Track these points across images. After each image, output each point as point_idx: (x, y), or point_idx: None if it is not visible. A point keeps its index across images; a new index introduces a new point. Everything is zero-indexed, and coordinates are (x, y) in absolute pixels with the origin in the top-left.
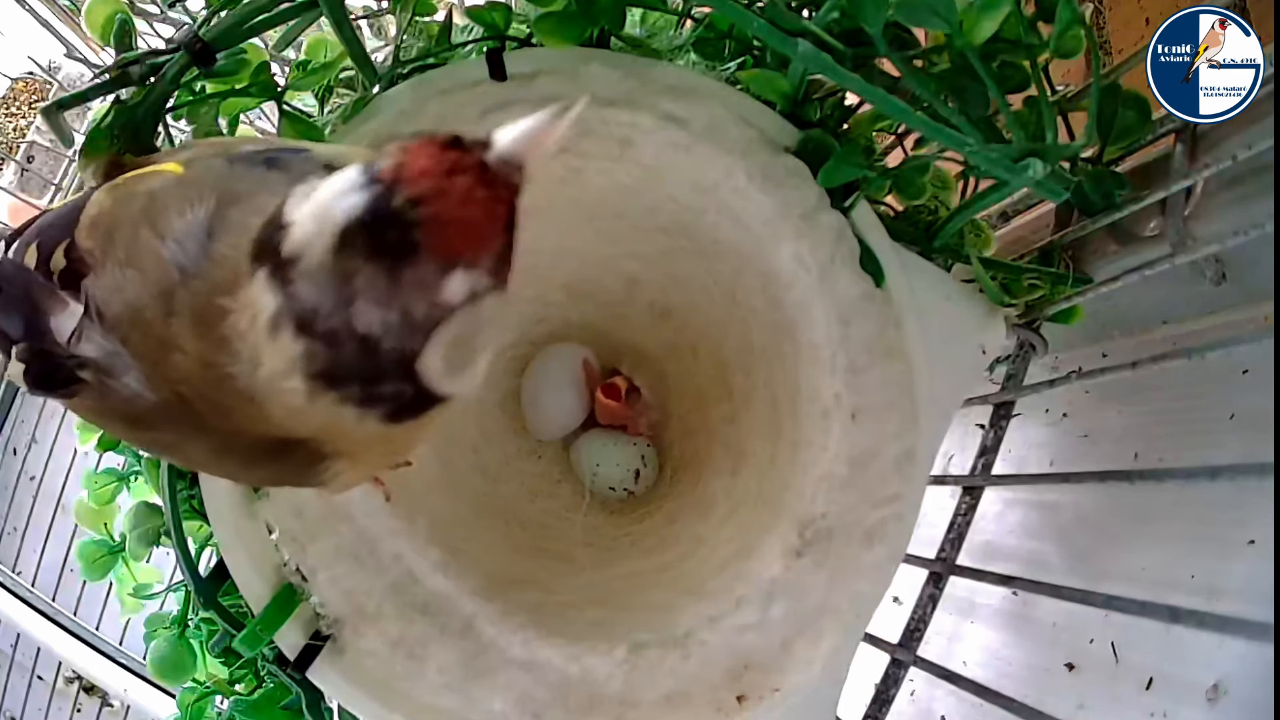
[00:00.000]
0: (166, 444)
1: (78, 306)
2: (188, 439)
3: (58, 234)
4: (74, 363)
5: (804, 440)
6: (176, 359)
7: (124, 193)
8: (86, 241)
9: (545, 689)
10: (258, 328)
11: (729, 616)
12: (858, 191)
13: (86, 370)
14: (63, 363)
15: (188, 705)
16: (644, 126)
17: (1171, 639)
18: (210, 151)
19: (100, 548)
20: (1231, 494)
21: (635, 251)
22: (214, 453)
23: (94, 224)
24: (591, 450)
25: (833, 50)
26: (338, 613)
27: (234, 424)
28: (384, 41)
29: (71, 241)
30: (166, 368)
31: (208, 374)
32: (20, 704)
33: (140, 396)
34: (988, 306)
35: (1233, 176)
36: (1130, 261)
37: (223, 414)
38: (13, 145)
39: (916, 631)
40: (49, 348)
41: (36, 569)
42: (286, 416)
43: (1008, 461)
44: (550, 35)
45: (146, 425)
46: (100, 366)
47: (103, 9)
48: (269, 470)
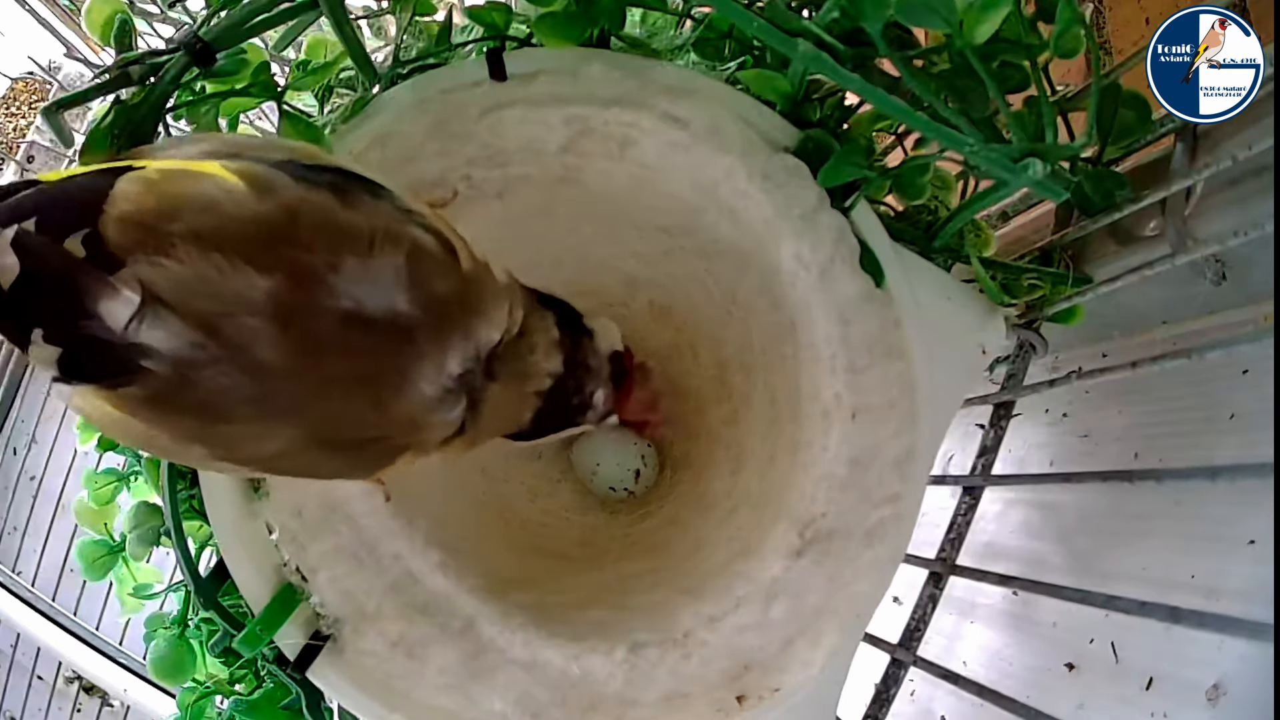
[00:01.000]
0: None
1: (132, 294)
2: (276, 429)
3: (66, 219)
4: (135, 350)
5: (804, 440)
6: (334, 364)
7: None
8: (122, 237)
9: (545, 689)
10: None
11: (729, 616)
12: (858, 191)
13: (151, 359)
14: (118, 350)
15: (188, 705)
16: (644, 126)
17: (1171, 639)
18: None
19: (100, 548)
20: (1231, 494)
21: (635, 251)
22: (303, 442)
23: (130, 220)
24: (591, 450)
25: (833, 50)
26: (338, 613)
27: (365, 422)
28: (384, 41)
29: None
30: (310, 367)
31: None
32: (20, 704)
33: (230, 388)
34: (988, 306)
35: (1233, 176)
36: (1130, 261)
37: (362, 413)
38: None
39: (916, 631)
40: (97, 334)
41: (36, 569)
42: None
43: (1008, 461)
44: (550, 35)
45: (225, 417)
46: (175, 357)
47: (103, 9)
48: (347, 460)
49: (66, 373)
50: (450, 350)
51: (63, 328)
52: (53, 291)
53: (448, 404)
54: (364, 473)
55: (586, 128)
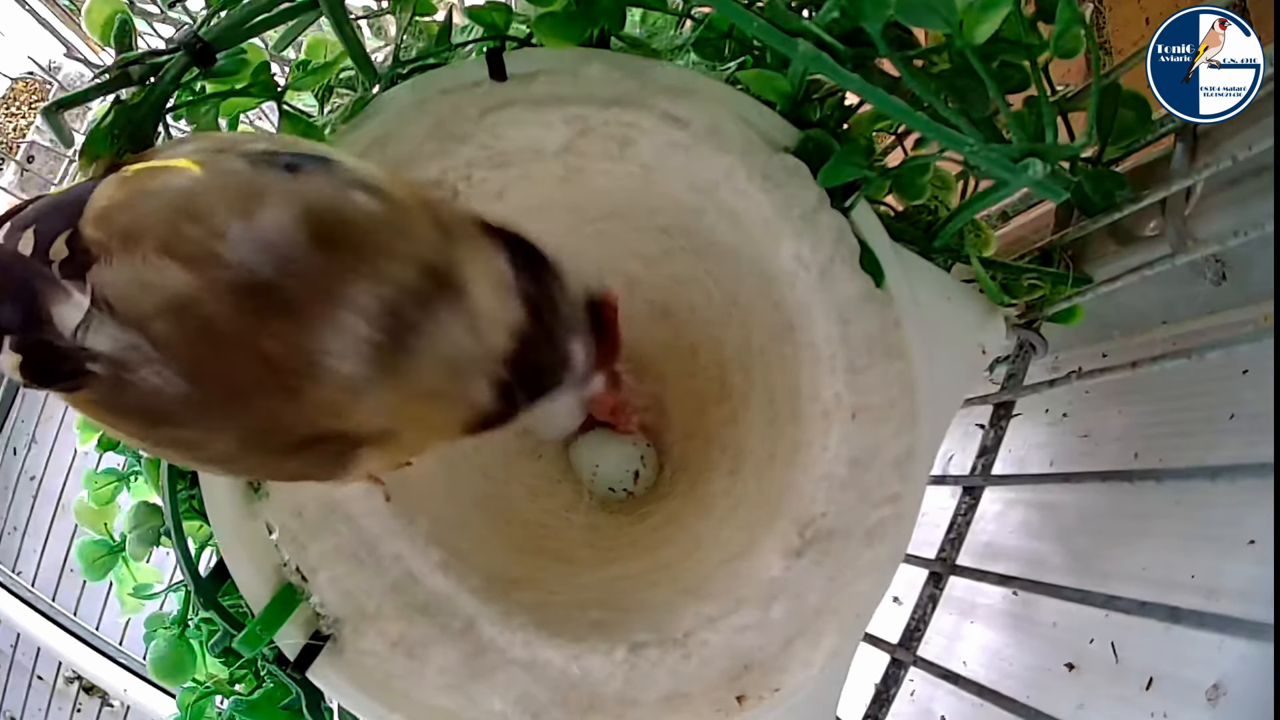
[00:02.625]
0: (185, 441)
1: (82, 298)
2: (215, 433)
3: (58, 222)
4: (83, 355)
5: (804, 440)
6: (235, 351)
7: (137, 186)
8: (95, 232)
9: (545, 689)
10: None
11: (729, 616)
12: (858, 191)
13: (97, 363)
14: (68, 355)
15: (188, 705)
16: (644, 126)
17: (1171, 639)
18: (211, 146)
19: (100, 548)
20: (1231, 494)
21: (635, 251)
22: (243, 445)
23: (104, 215)
24: (591, 450)
25: (833, 50)
26: (338, 613)
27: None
28: (384, 41)
29: (75, 231)
30: (216, 360)
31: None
32: (20, 704)
33: (163, 390)
34: (988, 306)
35: (1232, 176)
36: (1130, 261)
37: (282, 406)
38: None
39: (916, 631)
40: (51, 339)
41: (36, 569)
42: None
43: (1008, 461)
44: (550, 35)
45: (167, 420)
46: (115, 360)
47: (103, 9)
48: (299, 462)
49: (30, 378)
50: (349, 308)
51: (24, 334)
52: (16, 298)
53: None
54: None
55: (586, 128)
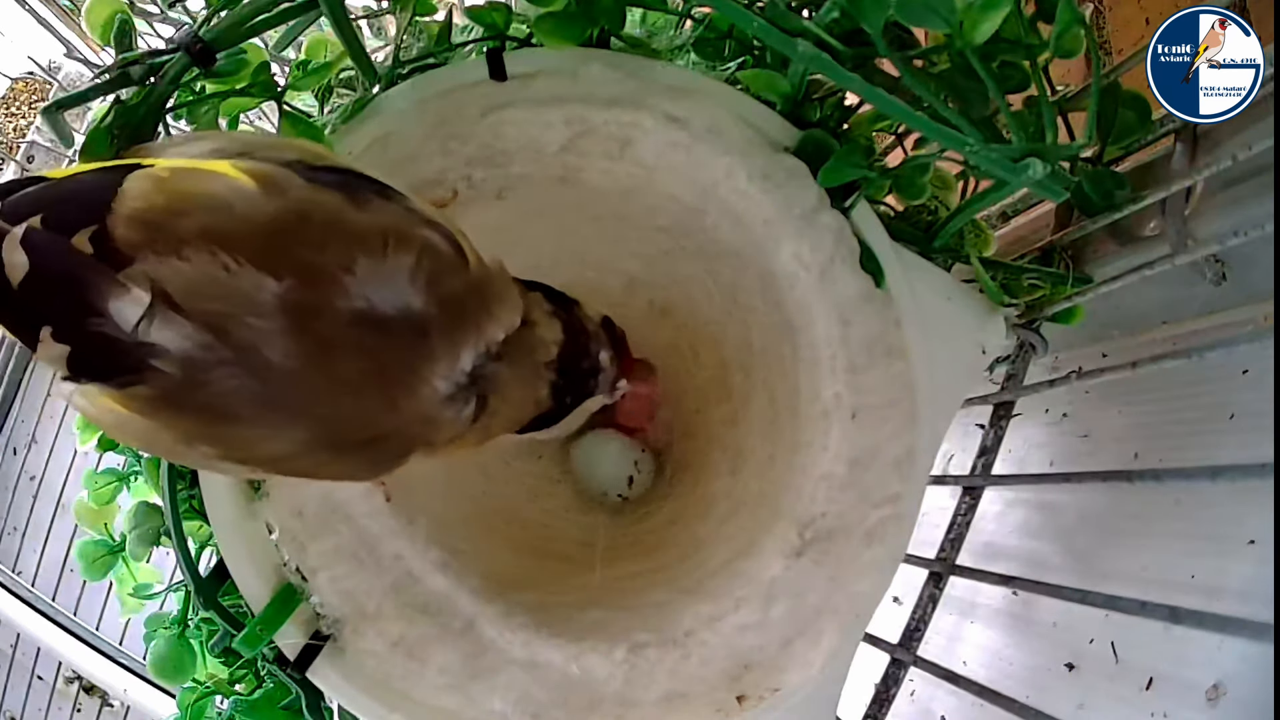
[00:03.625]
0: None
1: (142, 293)
2: (278, 431)
3: (76, 216)
4: (143, 350)
5: (804, 440)
6: (342, 363)
7: (177, 190)
8: (131, 234)
9: (545, 689)
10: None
11: (729, 616)
12: (858, 191)
13: (160, 359)
14: (128, 349)
15: (188, 705)
16: (644, 126)
17: (1171, 639)
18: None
19: (100, 548)
20: (1231, 494)
21: (635, 251)
22: (307, 446)
23: (139, 217)
24: (590, 451)
25: (833, 50)
26: (338, 613)
27: (378, 422)
28: (384, 41)
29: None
30: (313, 369)
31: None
32: (20, 704)
33: (235, 389)
34: (988, 306)
35: (1232, 176)
36: (1130, 261)
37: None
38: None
39: (916, 631)
40: (109, 332)
41: (36, 569)
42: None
43: (1008, 461)
44: (550, 35)
45: (228, 418)
46: (184, 358)
47: (103, 9)
48: (354, 461)
49: (75, 371)
50: (463, 347)
51: (72, 326)
52: (62, 289)
53: (459, 400)
54: (371, 473)
55: (586, 128)
